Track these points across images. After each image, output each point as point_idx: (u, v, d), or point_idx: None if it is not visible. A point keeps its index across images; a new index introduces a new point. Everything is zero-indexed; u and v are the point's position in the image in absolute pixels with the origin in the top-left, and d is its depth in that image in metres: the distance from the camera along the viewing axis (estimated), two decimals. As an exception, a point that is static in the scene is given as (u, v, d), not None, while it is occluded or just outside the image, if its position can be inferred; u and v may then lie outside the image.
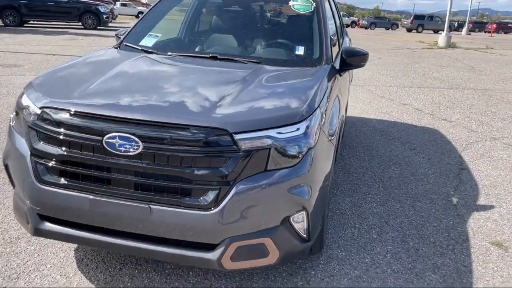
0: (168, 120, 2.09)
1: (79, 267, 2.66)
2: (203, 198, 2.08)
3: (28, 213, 2.32)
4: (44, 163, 2.24)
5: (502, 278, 2.78)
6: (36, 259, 2.71)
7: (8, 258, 2.71)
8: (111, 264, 2.69)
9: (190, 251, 2.16)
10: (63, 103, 2.24)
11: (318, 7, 3.53)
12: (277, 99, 2.43)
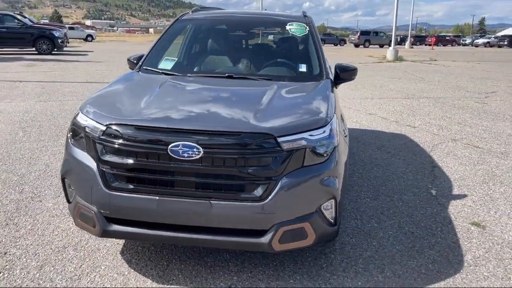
0: (224, 129, 2.53)
1: (131, 266, 2.99)
2: (255, 192, 2.52)
3: (96, 217, 2.65)
4: (112, 171, 2.60)
5: (485, 249, 3.36)
6: (89, 263, 3.01)
7: (63, 264, 3.00)
8: (158, 262, 3.04)
9: (245, 237, 2.58)
10: (127, 119, 2.62)
11: (311, 30, 4.09)
12: (303, 108, 2.92)
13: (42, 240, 3.30)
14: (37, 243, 3.26)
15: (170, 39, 4.15)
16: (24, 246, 3.21)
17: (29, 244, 3.24)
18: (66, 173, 2.86)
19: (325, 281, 2.88)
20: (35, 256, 3.07)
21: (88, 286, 2.76)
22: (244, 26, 4.41)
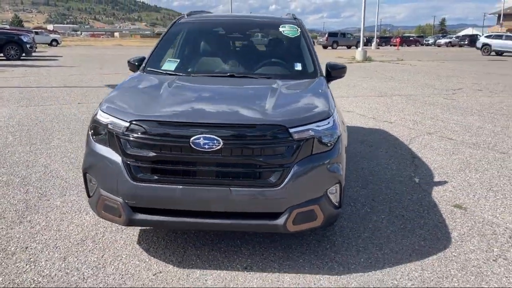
0: (241, 122, 2.78)
1: (150, 254, 3.18)
2: (270, 178, 2.77)
3: (122, 208, 2.85)
4: (137, 164, 2.80)
5: (468, 227, 3.73)
6: (110, 253, 3.19)
7: (85, 254, 3.17)
8: (174, 250, 3.25)
9: (262, 220, 2.83)
10: (151, 116, 2.83)
11: (302, 31, 4.39)
12: (307, 102, 3.21)
13: (59, 235, 3.45)
14: (55, 237, 3.40)
15: (169, 41, 4.36)
16: (43, 240, 3.35)
17: (47, 238, 3.38)
18: (89, 168, 3.03)
19: (330, 259, 3.16)
20: (56, 249, 3.22)
21: (113, 272, 2.94)
22: (239, 29, 4.66)
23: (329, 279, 2.92)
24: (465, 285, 2.86)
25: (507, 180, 4.95)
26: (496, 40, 33.64)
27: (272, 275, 2.95)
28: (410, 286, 2.85)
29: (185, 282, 2.85)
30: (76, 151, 5.76)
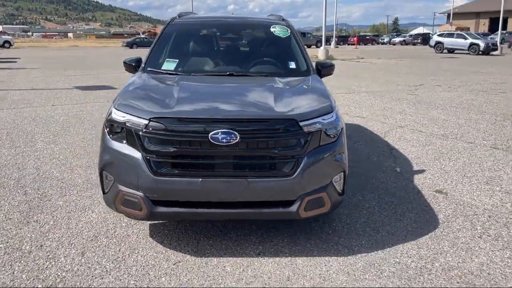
0: (256, 117, 2.99)
1: (165, 246, 3.33)
2: (284, 169, 2.99)
3: (143, 201, 2.98)
4: (157, 159, 2.95)
5: (452, 209, 4.09)
6: (126, 247, 3.31)
7: (102, 249, 3.27)
8: (188, 241, 3.41)
9: (276, 208, 3.05)
10: (169, 113, 2.98)
11: (292, 31, 4.63)
12: (311, 98, 3.45)
13: (71, 232, 3.52)
14: (68, 235, 3.48)
15: (165, 42, 4.48)
16: (56, 238, 3.43)
17: (60, 236, 3.46)
18: (106, 165, 3.14)
19: (335, 242, 3.42)
20: (72, 246, 3.31)
21: (134, 264, 3.07)
22: (232, 29, 4.85)
23: (337, 260, 3.17)
24: (458, 259, 3.18)
25: (478, 167, 5.39)
26: (448, 39, 35.26)
27: (285, 259, 3.16)
28: (410, 262, 3.14)
29: (205, 269, 3.02)
30: (64, 153, 5.76)
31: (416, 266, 3.09)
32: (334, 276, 2.96)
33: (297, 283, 2.88)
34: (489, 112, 9.09)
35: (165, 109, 3.06)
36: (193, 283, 2.87)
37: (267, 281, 2.89)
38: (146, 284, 2.85)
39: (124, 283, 2.86)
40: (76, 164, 5.28)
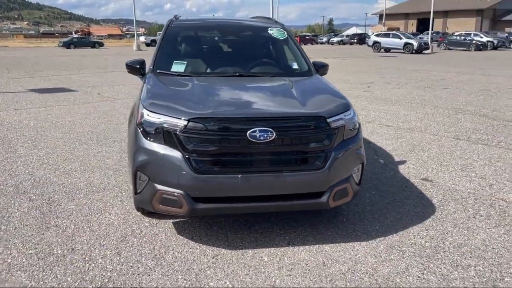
0: (290, 114, 3.20)
1: (196, 242, 3.45)
2: (315, 163, 3.23)
3: (183, 199, 3.10)
4: (198, 158, 3.08)
5: (442, 195, 4.52)
6: (159, 244, 3.40)
7: (137, 248, 3.33)
8: (218, 236, 3.54)
9: (309, 200, 3.28)
10: (208, 113, 3.12)
11: (288, 34, 4.88)
12: (328, 96, 3.70)
13: (97, 235, 3.54)
14: (95, 237, 3.50)
15: (169, 44, 4.55)
16: (85, 241, 3.43)
17: (88, 239, 3.47)
18: (142, 166, 3.21)
19: (353, 229, 3.71)
20: (103, 247, 3.34)
21: (175, 260, 3.17)
22: (233, 32, 4.99)
23: (361, 244, 3.46)
24: (463, 237, 3.58)
25: (449, 156, 5.92)
26: (385, 38, 37.18)
27: (314, 247, 3.40)
28: (424, 243, 3.49)
29: (244, 260, 3.19)
30: (52, 157, 5.62)
31: (431, 246, 3.44)
32: (364, 259, 3.24)
33: (334, 267, 3.12)
34: (441, 107, 9.85)
35: (202, 109, 3.18)
36: (238, 273, 3.03)
37: (306, 267, 3.11)
38: (195, 277, 2.97)
39: (172, 278, 2.96)
40: (70, 168, 5.19)
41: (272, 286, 2.89)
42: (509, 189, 4.71)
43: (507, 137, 7.03)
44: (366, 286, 2.89)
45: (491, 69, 20.01)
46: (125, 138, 6.58)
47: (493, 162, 5.68)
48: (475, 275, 3.04)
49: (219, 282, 2.93)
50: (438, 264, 3.17)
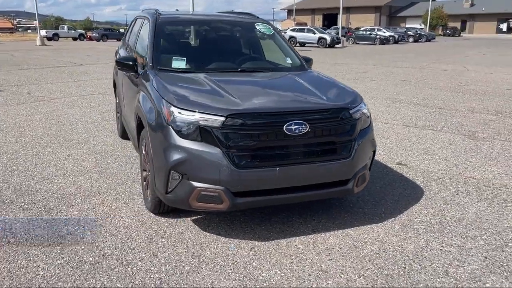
0: (321, 107, 3.35)
1: (227, 237, 3.47)
2: (343, 152, 3.42)
3: (224, 195, 3.12)
4: (238, 153, 3.11)
5: (421, 176, 4.98)
6: (191, 242, 3.37)
7: (170, 248, 3.28)
8: (244, 230, 3.59)
9: (337, 187, 3.46)
10: (245, 109, 3.16)
11: (274, 29, 5.00)
12: (340, 89, 3.89)
13: (121, 239, 3.40)
14: (120, 241, 3.36)
15: (161, 40, 4.43)
16: (112, 246, 3.29)
17: (113, 244, 3.32)
18: (177, 165, 3.16)
19: (363, 213, 3.97)
20: (136, 250, 3.24)
21: (215, 256, 3.19)
22: (222, 27, 4.96)
23: (378, 226, 3.73)
24: (458, 212, 4.01)
25: (408, 142, 6.48)
26: (300, 33, 38.59)
27: (338, 232, 3.61)
28: (429, 219, 3.86)
29: (282, 250, 3.30)
30: (20, 163, 5.20)
31: (436, 222, 3.82)
32: (387, 238, 3.51)
33: (365, 248, 3.35)
34: (377, 97, 10.61)
35: (237, 105, 3.21)
36: (283, 262, 3.13)
37: (341, 251, 3.30)
38: (244, 270, 3.02)
39: (223, 272, 2.98)
40: (48, 174, 4.85)
41: (321, 270, 3.03)
42: (472, 168, 5.31)
43: (447, 122, 7.83)
44: (402, 262, 3.15)
45: (402, 61, 21.76)
46: (89, 139, 6.27)
47: (447, 145, 6.33)
48: (484, 243, 3.45)
49: (270, 273, 3.01)
50: (451, 237, 3.54)
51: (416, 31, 51.53)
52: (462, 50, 31.77)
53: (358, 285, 2.88)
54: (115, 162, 5.30)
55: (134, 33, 5.48)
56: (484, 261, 3.19)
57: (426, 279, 2.95)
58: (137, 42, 5.00)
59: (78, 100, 9.71)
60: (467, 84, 12.96)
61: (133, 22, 5.97)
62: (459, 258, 3.23)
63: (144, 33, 4.74)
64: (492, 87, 12.40)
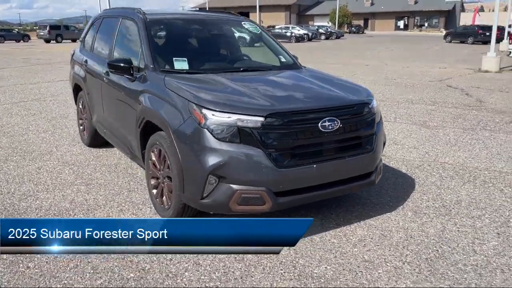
0: (348, 103, 3.44)
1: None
2: (367, 146, 3.55)
3: (266, 195, 3.09)
4: (279, 153, 3.10)
5: (404, 165, 5.29)
6: (227, 248, 3.29)
7: (211, 255, 3.17)
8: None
9: (363, 180, 3.58)
10: (282, 108, 3.15)
11: (261, 28, 5.00)
12: (350, 85, 4.00)
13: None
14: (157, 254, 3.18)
15: (156, 41, 4.20)
16: (149, 260, 3.11)
17: (152, 259, 3.14)
18: (217, 168, 3.06)
19: (372, 204, 4.14)
20: (173, 261, 3.09)
21: (256, 257, 3.14)
22: (213, 26, 4.81)
23: (392, 214, 3.92)
24: (453, 195, 4.35)
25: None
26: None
27: (361, 223, 3.74)
28: (433, 204, 4.14)
29: (318, 245, 3.35)
30: (7, 178, 4.66)
31: (440, 206, 4.10)
32: (407, 225, 3.71)
33: (394, 236, 3.51)
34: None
35: (273, 105, 3.19)
36: (327, 257, 3.19)
37: (374, 241, 3.43)
38: (294, 269, 3.02)
39: (275, 273, 2.97)
40: (28, 189, 4.41)
41: (366, 261, 3.13)
42: (441, 154, 5.76)
43: (396, 114, 8.37)
44: (432, 246, 3.36)
45: (325, 58, 22.73)
46: (51, 149, 5.81)
47: (408, 134, 6.78)
48: (490, 221, 3.79)
49: (321, 269, 3.04)
50: (460, 218, 3.83)
51: (327, 29, 53.99)
52: (373, 46, 33.91)
53: (407, 271, 3.02)
54: (97, 172, 4.95)
55: (106, 35, 5.15)
56: (499, 237, 3.50)
57: (462, 259, 3.17)
58: (118, 44, 4.71)
59: (12, 108, 8.86)
60: (393, 78, 13.92)
61: (97, 22, 5.60)
62: (477, 236, 3.52)
63: (130, 34, 4.49)
64: (416, 80, 13.45)
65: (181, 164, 3.24)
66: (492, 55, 16.71)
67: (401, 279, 2.93)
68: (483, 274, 2.99)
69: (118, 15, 4.97)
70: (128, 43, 4.56)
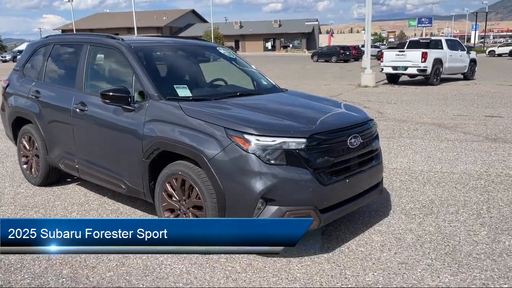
0: (361, 120, 3.77)
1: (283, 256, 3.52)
2: (377, 158, 3.89)
3: (314, 213, 3.23)
4: (323, 171, 3.26)
5: (393, 173, 5.76)
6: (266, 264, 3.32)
7: (258, 269, 3.17)
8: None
9: (374, 190, 3.90)
10: (320, 128, 3.36)
11: (235, 54, 5.10)
12: (346, 104, 4.31)
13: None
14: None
15: (150, 69, 4.02)
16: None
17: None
18: (267, 192, 3.10)
19: (368, 210, 4.49)
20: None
21: (300, 272, 3.24)
22: (196, 52, 4.71)
23: (391, 219, 4.29)
24: (424, 196, 4.91)
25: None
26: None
27: (371, 229, 4.04)
28: (415, 206, 4.63)
29: (350, 255, 3.54)
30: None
31: (421, 206, 4.61)
32: (409, 226, 4.09)
33: (407, 238, 3.86)
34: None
35: (310, 127, 3.35)
36: (367, 265, 3.39)
37: (393, 244, 3.74)
38: (337, 280, 3.18)
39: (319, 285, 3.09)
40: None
41: (402, 263, 3.42)
42: (386, 161, 6.39)
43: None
44: (443, 241, 3.79)
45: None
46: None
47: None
48: (468, 215, 4.37)
49: (367, 277, 3.22)
50: (444, 215, 4.37)
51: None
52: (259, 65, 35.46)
53: (440, 267, 3.37)
54: (73, 213, 4.51)
55: (65, 63, 4.80)
56: (484, 227, 4.08)
57: (471, 249, 3.64)
58: (92, 74, 4.40)
59: None
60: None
61: (45, 49, 5.11)
62: (469, 229, 4.05)
63: (109, 63, 4.27)
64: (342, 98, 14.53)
65: (223, 191, 3.20)
66: (369, 72, 18.87)
67: (441, 274, 3.26)
68: (496, 260, 3.48)
69: (81, 42, 4.63)
70: (108, 73, 4.30)
